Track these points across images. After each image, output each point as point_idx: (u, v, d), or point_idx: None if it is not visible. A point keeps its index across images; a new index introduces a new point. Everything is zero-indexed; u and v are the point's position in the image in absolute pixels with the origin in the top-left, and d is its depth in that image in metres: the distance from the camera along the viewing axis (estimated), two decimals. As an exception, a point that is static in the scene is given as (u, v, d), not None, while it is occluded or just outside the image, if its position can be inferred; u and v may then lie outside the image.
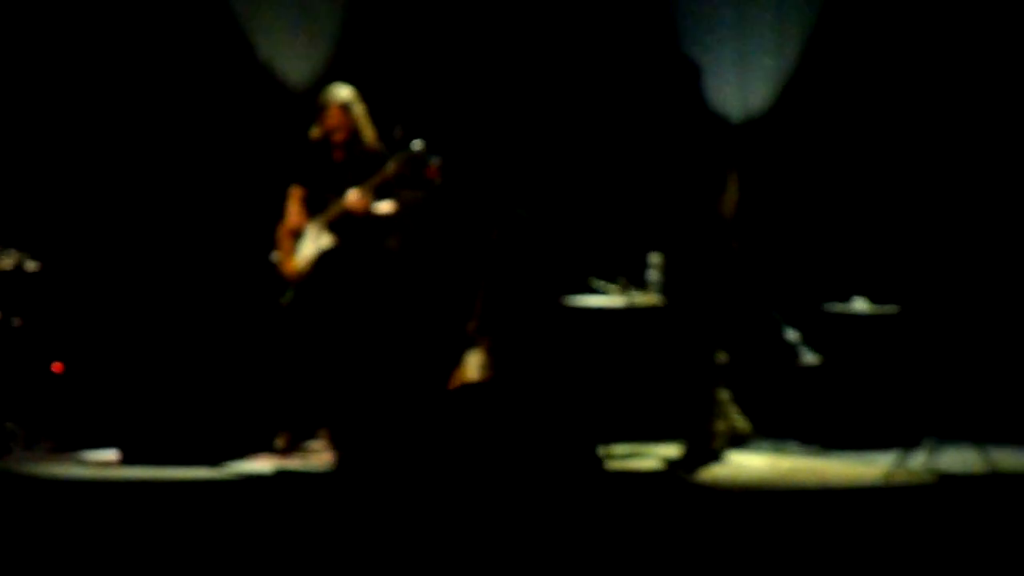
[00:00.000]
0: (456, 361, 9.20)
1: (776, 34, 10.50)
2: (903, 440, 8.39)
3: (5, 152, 9.99)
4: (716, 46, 10.38)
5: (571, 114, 10.29)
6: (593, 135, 10.16)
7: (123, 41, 10.02)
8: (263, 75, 10.18)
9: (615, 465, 8.62)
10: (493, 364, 9.22)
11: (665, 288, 8.68)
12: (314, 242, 9.00)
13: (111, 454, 8.75)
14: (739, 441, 8.75)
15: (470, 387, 8.92)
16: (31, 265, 8.89)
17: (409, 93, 9.99)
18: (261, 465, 8.49)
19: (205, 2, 10.10)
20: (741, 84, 10.49)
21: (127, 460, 8.60)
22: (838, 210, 10.37)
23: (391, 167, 8.78)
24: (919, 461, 8.16)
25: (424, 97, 10.04)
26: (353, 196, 8.83)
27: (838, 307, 9.63)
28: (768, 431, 9.30)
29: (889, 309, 9.55)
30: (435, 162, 8.77)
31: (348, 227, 8.93)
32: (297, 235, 9.07)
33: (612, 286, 9.28)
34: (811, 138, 10.40)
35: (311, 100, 9.26)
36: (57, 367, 9.42)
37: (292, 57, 10.22)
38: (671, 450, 8.57)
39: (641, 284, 9.20)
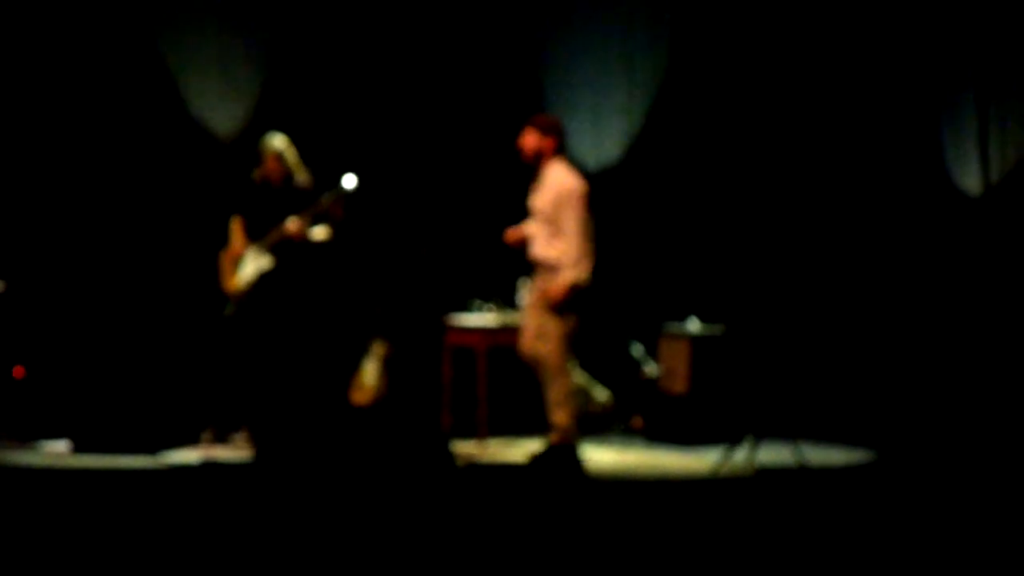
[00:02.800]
0: (355, 369, 9.91)
1: (625, 98, 11.25)
2: (728, 438, 8.87)
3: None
4: (574, 106, 11.11)
5: (455, 163, 10.89)
6: (475, 182, 10.74)
7: (89, 102, 10.50)
8: (196, 128, 10.67)
9: (488, 458, 9.11)
10: (386, 371, 9.87)
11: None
12: (254, 263, 9.55)
13: (63, 445, 9.31)
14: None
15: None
16: (-4, 285, 9.07)
17: (322, 135, 10.53)
18: (190, 455, 9.03)
19: (149, 66, 10.56)
20: (595, 139, 11.21)
21: (76, 450, 9.18)
22: (675, 248, 11.06)
23: (326, 200, 9.47)
24: (741, 456, 8.67)
25: (333, 138, 10.61)
26: (292, 224, 9.47)
27: (675, 327, 10.33)
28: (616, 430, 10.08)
29: (716, 329, 10.23)
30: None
31: (285, 250, 9.58)
32: (237, 259, 9.65)
33: (488, 306, 9.82)
34: (658, 185, 11.12)
35: (240, 146, 10.00)
36: (18, 371, 9.85)
37: (219, 111, 10.71)
38: (536, 444, 8.89)
39: (512, 305, 9.68)
